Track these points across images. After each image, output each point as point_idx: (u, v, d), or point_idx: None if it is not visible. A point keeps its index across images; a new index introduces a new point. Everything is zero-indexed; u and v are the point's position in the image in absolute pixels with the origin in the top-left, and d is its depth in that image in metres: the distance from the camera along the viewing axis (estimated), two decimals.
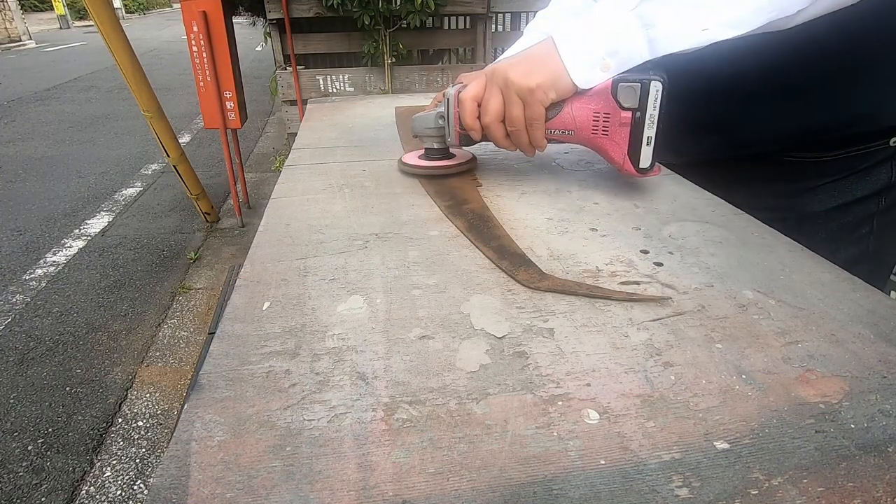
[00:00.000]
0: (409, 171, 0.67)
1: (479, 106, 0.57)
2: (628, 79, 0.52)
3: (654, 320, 0.39)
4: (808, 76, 0.58)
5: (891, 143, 0.59)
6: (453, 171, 0.66)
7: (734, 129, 0.65)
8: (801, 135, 0.62)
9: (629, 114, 0.53)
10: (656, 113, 0.53)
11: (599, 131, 0.56)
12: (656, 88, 0.52)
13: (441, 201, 0.59)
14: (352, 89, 2.98)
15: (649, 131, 0.54)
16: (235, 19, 3.02)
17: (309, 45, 2.90)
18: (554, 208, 0.58)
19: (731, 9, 0.47)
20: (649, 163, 0.56)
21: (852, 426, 0.29)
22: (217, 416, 0.31)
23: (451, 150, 0.67)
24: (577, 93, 0.54)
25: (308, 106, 1.11)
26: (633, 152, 0.55)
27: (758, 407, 0.31)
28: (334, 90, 2.98)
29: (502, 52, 0.91)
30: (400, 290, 0.43)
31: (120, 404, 1.64)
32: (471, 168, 0.68)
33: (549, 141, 0.58)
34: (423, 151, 0.68)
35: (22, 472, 1.40)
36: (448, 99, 0.60)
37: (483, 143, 0.63)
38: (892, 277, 1.55)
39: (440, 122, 0.63)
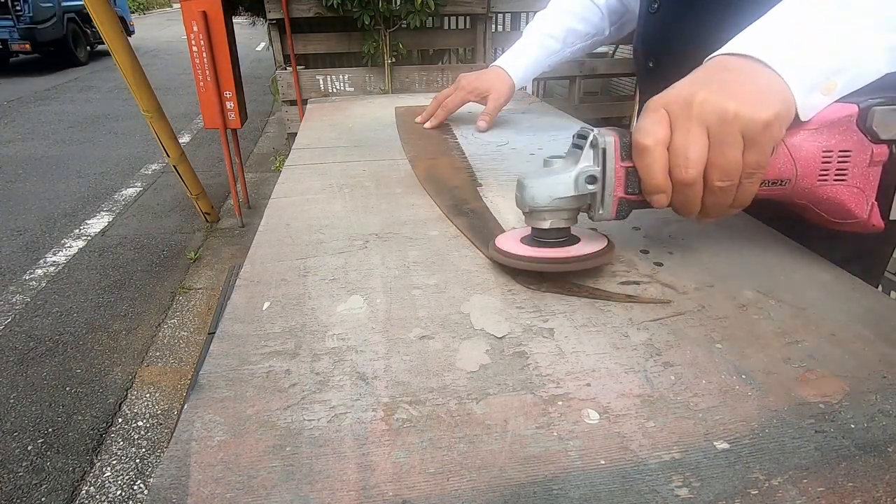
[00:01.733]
0: (522, 266, 0.43)
1: (668, 152, 0.39)
2: (880, 100, 0.39)
3: (654, 320, 0.39)
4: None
5: None
6: (599, 263, 0.44)
7: None
8: None
9: (885, 148, 0.39)
10: None
11: (831, 177, 0.40)
12: None
13: (441, 201, 0.59)
14: (352, 89, 2.98)
15: None
16: (235, 19, 3.02)
17: (309, 45, 2.90)
18: None
19: None
20: None
21: (852, 426, 0.29)
22: (217, 416, 0.31)
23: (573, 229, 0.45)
24: (792, 127, 0.39)
25: (308, 106, 1.11)
26: (885, 199, 0.41)
27: (758, 407, 0.31)
28: (334, 90, 2.98)
29: (502, 52, 0.91)
30: (400, 290, 0.43)
31: (120, 404, 1.64)
32: (609, 259, 0.45)
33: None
34: (524, 233, 0.46)
35: (22, 472, 1.40)
36: (605, 149, 0.40)
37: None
38: (888, 275, 1.55)
39: (589, 187, 0.41)
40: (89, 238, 2.68)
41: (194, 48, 2.27)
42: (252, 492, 0.26)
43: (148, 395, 1.67)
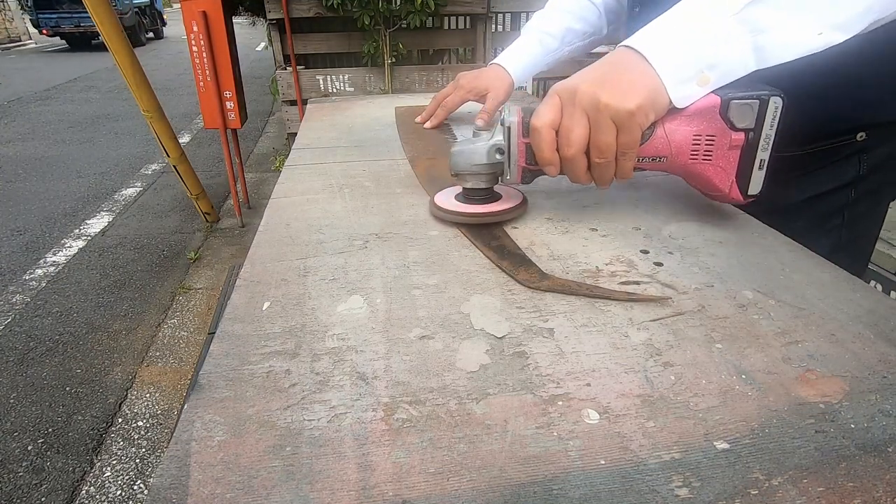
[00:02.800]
0: (448, 219, 0.53)
1: (556, 134, 0.48)
2: (739, 94, 0.45)
3: (654, 320, 0.39)
4: (785, 77, 0.57)
5: (857, 137, 0.61)
6: (510, 217, 0.54)
7: None
8: (787, 134, 0.62)
9: (741, 135, 0.46)
10: (773, 133, 0.46)
11: (700, 156, 0.48)
12: (776, 105, 0.45)
13: None
14: (352, 89, 2.98)
15: (763, 154, 0.47)
16: (235, 19, 3.02)
17: (309, 45, 2.89)
18: (554, 208, 0.58)
19: (842, 11, 0.43)
20: (759, 188, 0.49)
21: (852, 426, 0.29)
22: (217, 416, 0.31)
23: (496, 189, 0.56)
24: (669, 112, 0.47)
25: (308, 106, 1.11)
26: (742, 178, 0.48)
27: (758, 407, 0.31)
28: (334, 90, 2.98)
29: (502, 52, 0.91)
30: (400, 290, 0.43)
31: (120, 404, 1.64)
32: (522, 213, 0.55)
33: (636, 169, 0.50)
34: (457, 191, 0.56)
35: (22, 472, 1.40)
36: (509, 128, 0.49)
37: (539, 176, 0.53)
38: (888, 275, 1.56)
39: (497, 156, 0.51)
40: (89, 238, 2.68)
41: (194, 48, 2.27)
42: (252, 492, 0.26)
43: (148, 395, 1.67)
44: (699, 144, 0.48)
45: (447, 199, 0.55)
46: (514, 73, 0.87)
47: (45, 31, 10.22)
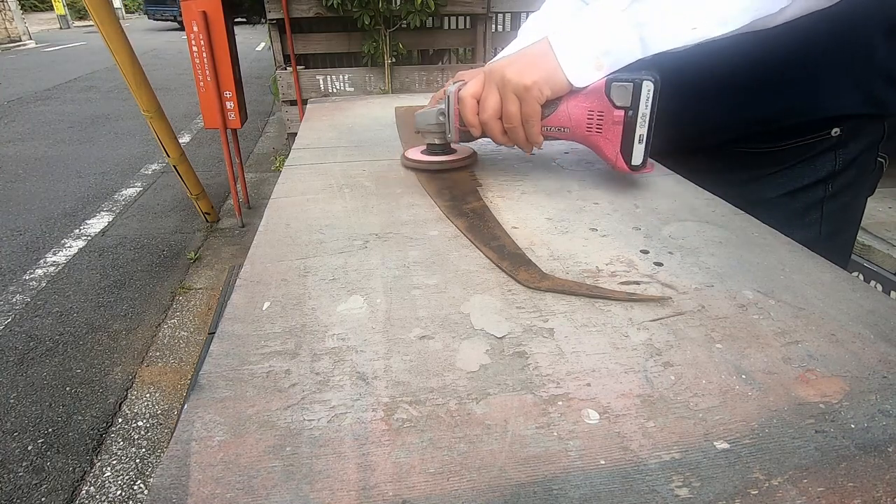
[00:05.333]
0: (411, 166, 0.69)
1: (478, 103, 0.59)
2: (620, 78, 0.54)
3: (654, 320, 0.39)
4: (757, 73, 0.62)
5: (832, 133, 0.63)
6: (455, 167, 0.68)
7: (687, 124, 0.68)
8: (751, 127, 0.66)
9: (622, 112, 0.55)
10: (648, 112, 0.54)
11: (594, 129, 0.57)
12: (648, 88, 0.53)
13: (441, 201, 0.59)
14: (352, 89, 2.98)
15: (641, 129, 0.55)
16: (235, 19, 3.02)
17: (309, 45, 2.90)
18: (554, 208, 0.58)
19: (719, 8, 0.49)
20: (641, 160, 0.57)
21: (852, 426, 0.29)
22: (217, 416, 0.31)
23: (453, 146, 0.69)
24: (573, 91, 0.56)
25: (308, 106, 1.11)
26: (626, 150, 0.57)
27: (758, 407, 0.31)
28: (334, 90, 2.98)
29: (500, 53, 0.91)
30: (400, 290, 0.43)
31: (120, 404, 1.64)
32: (471, 163, 0.70)
33: (546, 138, 0.59)
34: (425, 147, 0.69)
35: (22, 472, 1.40)
36: (448, 96, 0.61)
37: (484, 142, 0.63)
38: (888, 275, 1.56)
39: (441, 118, 0.64)
40: (89, 238, 2.68)
41: (194, 48, 2.27)
42: (252, 492, 0.26)
43: (148, 395, 1.67)
44: (592, 119, 0.56)
45: (414, 153, 0.70)
46: None
47: (153, 18, 15.55)
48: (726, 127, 0.67)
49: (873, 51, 0.60)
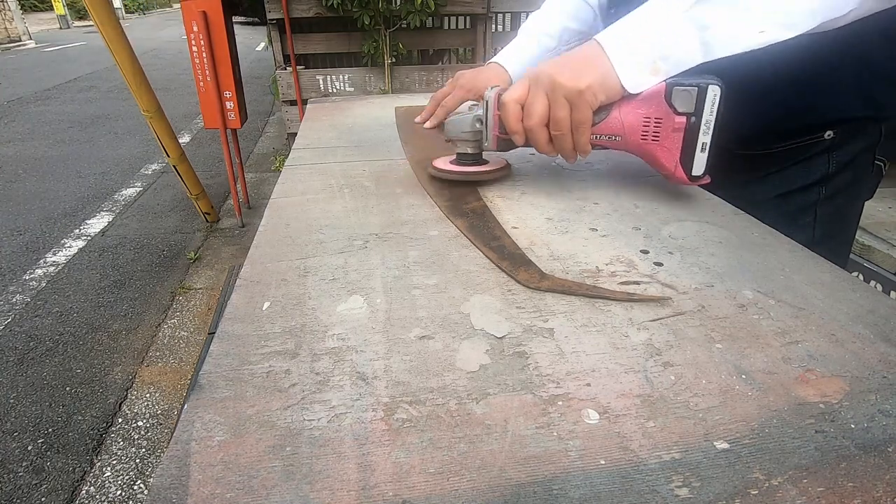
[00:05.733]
0: (442, 177, 0.63)
1: (522, 109, 0.55)
2: (683, 83, 0.50)
3: (654, 320, 0.39)
4: (760, 78, 0.61)
5: (825, 136, 0.63)
6: (491, 178, 0.64)
7: None
8: (751, 131, 0.66)
9: (683, 119, 0.52)
10: (713, 119, 0.51)
11: (650, 137, 0.54)
12: (714, 93, 0.50)
13: (441, 201, 0.59)
14: (352, 89, 2.98)
15: (704, 137, 0.52)
16: (235, 19, 3.02)
17: (309, 45, 2.90)
18: (554, 208, 0.58)
19: (787, 10, 0.47)
20: (703, 170, 0.54)
21: (852, 426, 0.29)
22: (217, 416, 0.31)
23: (485, 155, 0.65)
24: (626, 97, 0.53)
25: (308, 106, 1.11)
26: (686, 159, 0.53)
27: (758, 407, 0.31)
28: (334, 90, 2.98)
29: (501, 52, 0.92)
30: (400, 290, 0.43)
31: (120, 404, 1.64)
32: (507, 175, 0.66)
33: (595, 146, 0.56)
34: (453, 157, 0.65)
35: (22, 472, 1.40)
36: (487, 101, 0.57)
37: (519, 148, 0.59)
38: (888, 275, 1.56)
39: (478, 125, 0.60)
40: (89, 238, 2.68)
41: (194, 48, 2.27)
42: (252, 492, 0.26)
43: (148, 395, 1.67)
44: (648, 126, 0.53)
45: (443, 163, 0.65)
46: (512, 72, 0.86)
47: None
48: (726, 131, 0.67)
49: (871, 54, 0.60)
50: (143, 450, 1.48)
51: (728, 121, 0.63)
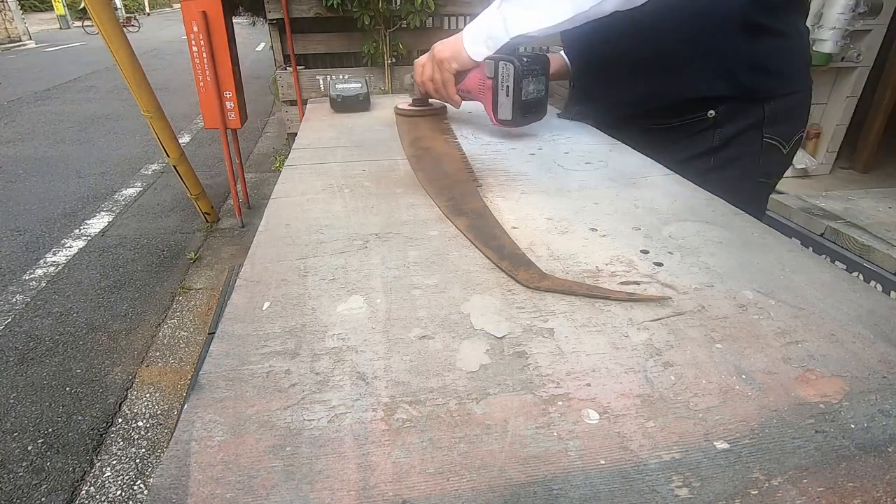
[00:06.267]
0: (400, 113, 0.90)
1: (422, 70, 0.82)
2: (492, 57, 0.76)
3: (654, 320, 0.39)
4: (641, 58, 0.79)
5: (709, 114, 0.78)
6: (427, 114, 0.90)
7: (601, 100, 0.90)
8: (644, 104, 0.84)
9: (490, 81, 0.79)
10: (510, 83, 0.77)
11: (480, 92, 0.81)
12: (503, 66, 0.76)
13: (441, 201, 0.59)
14: None
15: (502, 93, 0.78)
16: (235, 19, 3.02)
17: (309, 45, 2.89)
18: (554, 208, 0.58)
19: (552, 7, 0.67)
20: (507, 116, 0.80)
21: (852, 426, 0.29)
22: (217, 416, 0.31)
23: (431, 101, 0.91)
24: (474, 67, 0.78)
25: (308, 106, 1.11)
26: (494, 108, 0.81)
27: (758, 407, 0.31)
28: None
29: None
30: (400, 290, 0.43)
31: (120, 404, 1.64)
32: (441, 113, 0.91)
33: (462, 98, 0.83)
34: (411, 101, 0.92)
35: (22, 472, 1.40)
36: (415, 64, 0.85)
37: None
38: (888, 275, 1.56)
39: (411, 80, 0.89)
40: (89, 238, 2.68)
41: (194, 48, 2.27)
42: (252, 492, 0.26)
43: (148, 395, 1.67)
44: (478, 85, 0.80)
45: (403, 105, 0.91)
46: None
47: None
48: (626, 103, 0.86)
49: (731, 42, 0.74)
50: (143, 450, 1.48)
51: (625, 94, 0.85)
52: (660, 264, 0.46)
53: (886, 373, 0.33)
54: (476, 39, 0.76)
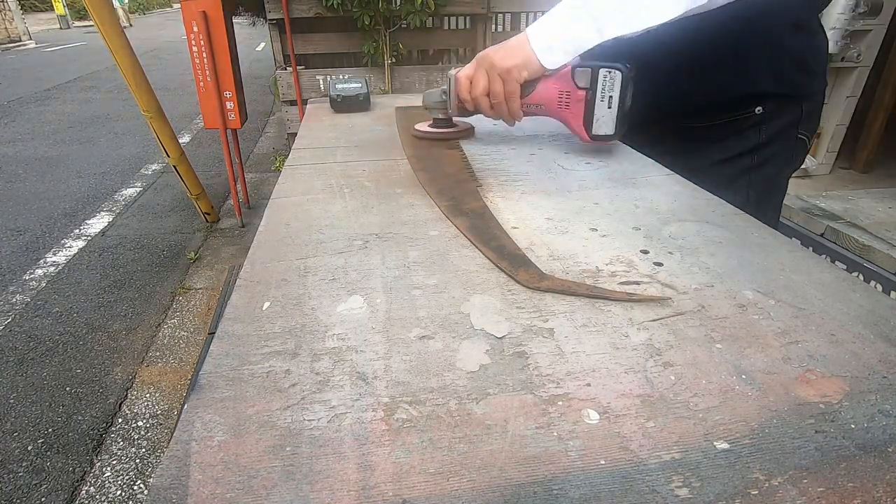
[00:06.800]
0: (420, 136, 0.82)
1: (471, 83, 0.71)
2: (584, 65, 0.67)
3: (654, 320, 0.39)
4: (695, 57, 0.74)
5: (756, 111, 0.76)
6: (458, 137, 0.82)
7: (645, 102, 0.79)
8: (692, 104, 0.79)
9: (583, 92, 0.69)
10: (615, 93, 0.67)
11: (563, 105, 0.71)
12: (605, 74, 0.67)
13: (441, 201, 0.59)
14: None
15: (601, 105, 0.69)
16: (235, 19, 3.02)
17: (309, 45, 2.89)
18: (554, 208, 0.58)
19: (657, 1, 0.60)
20: (608, 131, 0.70)
21: (852, 426, 0.29)
22: (217, 416, 0.31)
23: (455, 121, 0.83)
24: (546, 76, 0.68)
25: (308, 106, 1.11)
26: (587, 122, 0.70)
27: (758, 407, 0.31)
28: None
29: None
30: (400, 290, 0.43)
31: (120, 404, 1.64)
32: (469, 135, 0.84)
33: (526, 114, 0.72)
34: (431, 122, 0.83)
35: (22, 473, 1.40)
36: (450, 78, 0.74)
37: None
38: (888, 275, 1.56)
39: (443, 96, 0.78)
40: (89, 238, 2.68)
41: (194, 48, 2.27)
42: (252, 492, 0.26)
43: (148, 395, 1.67)
44: (561, 97, 0.70)
45: (423, 126, 0.83)
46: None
47: None
48: (673, 104, 0.80)
49: (782, 41, 0.72)
50: (143, 450, 1.48)
51: (674, 95, 0.79)
52: (660, 264, 0.46)
53: (886, 373, 0.33)
54: (552, 45, 0.65)
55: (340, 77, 1.07)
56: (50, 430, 1.53)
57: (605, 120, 0.69)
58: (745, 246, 0.49)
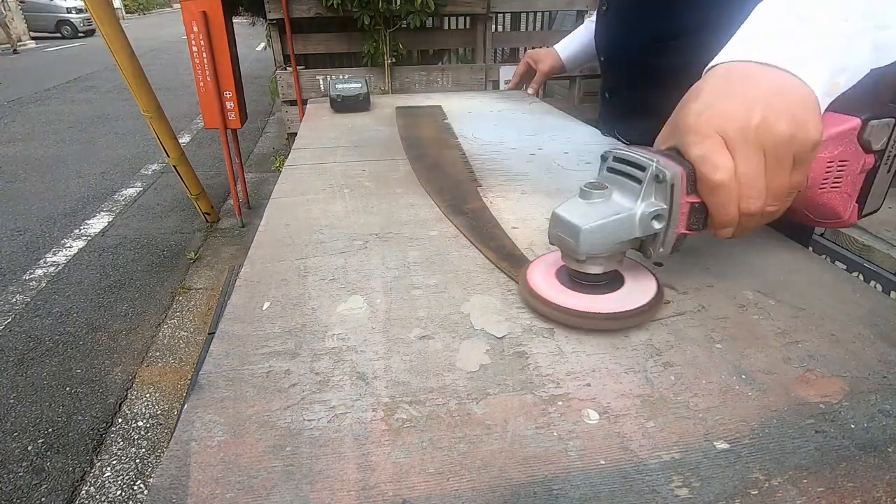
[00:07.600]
0: (562, 320, 0.38)
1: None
2: (876, 114, 0.40)
3: (654, 320, 0.39)
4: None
5: None
6: (647, 319, 0.38)
7: (653, 114, 0.54)
8: None
9: (873, 157, 0.41)
10: (894, 151, 0.42)
11: (829, 184, 0.41)
12: (890, 125, 0.40)
13: (441, 201, 0.59)
14: None
15: (882, 171, 0.43)
16: (235, 19, 3.02)
17: (309, 45, 2.90)
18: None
19: None
20: (871, 209, 0.45)
21: (852, 426, 0.29)
22: (217, 416, 0.31)
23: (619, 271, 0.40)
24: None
25: (308, 106, 1.11)
26: (862, 200, 0.43)
27: (758, 407, 0.31)
28: None
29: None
30: (400, 290, 0.43)
31: (120, 404, 1.64)
32: (655, 314, 0.39)
33: None
34: (556, 266, 0.41)
35: (22, 472, 1.40)
36: (672, 185, 0.35)
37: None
38: (888, 275, 1.56)
39: (655, 225, 0.36)
40: (89, 238, 2.68)
41: (194, 48, 2.27)
42: (252, 492, 0.26)
43: (148, 395, 1.67)
44: (830, 171, 0.41)
45: (546, 281, 0.40)
46: (562, 54, 1.07)
47: None
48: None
49: None
50: (143, 450, 1.48)
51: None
52: (660, 264, 0.46)
53: (886, 373, 0.33)
54: (825, 81, 0.35)
55: (340, 77, 1.07)
56: (50, 429, 1.53)
57: (880, 191, 0.43)
58: (745, 246, 0.49)
